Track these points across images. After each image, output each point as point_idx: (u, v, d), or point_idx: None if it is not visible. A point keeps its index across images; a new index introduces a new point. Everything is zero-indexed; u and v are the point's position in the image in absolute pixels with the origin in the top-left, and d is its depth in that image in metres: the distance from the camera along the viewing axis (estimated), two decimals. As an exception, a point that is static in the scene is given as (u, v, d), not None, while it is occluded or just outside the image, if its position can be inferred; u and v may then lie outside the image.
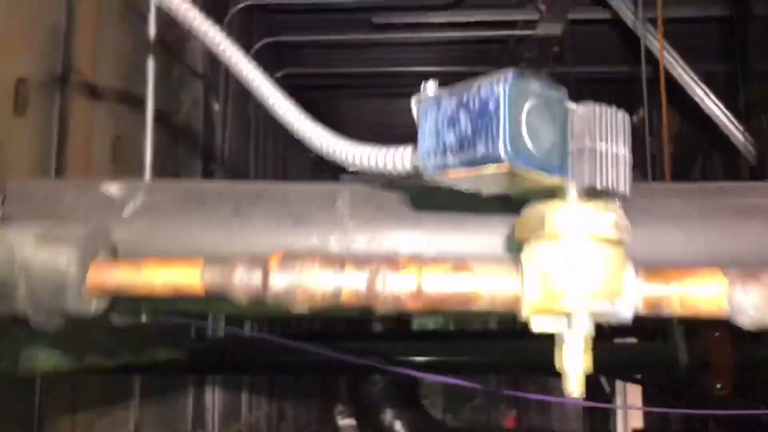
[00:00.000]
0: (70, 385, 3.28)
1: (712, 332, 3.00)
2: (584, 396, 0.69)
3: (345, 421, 9.89)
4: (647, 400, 8.35)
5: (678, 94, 4.93)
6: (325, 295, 0.70)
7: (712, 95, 5.05)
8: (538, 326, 0.70)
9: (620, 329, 3.80)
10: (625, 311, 0.68)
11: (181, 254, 0.76)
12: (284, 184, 0.87)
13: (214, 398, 4.99)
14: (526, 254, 0.69)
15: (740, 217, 0.79)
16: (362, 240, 0.80)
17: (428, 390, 10.08)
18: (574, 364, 0.67)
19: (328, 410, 9.63)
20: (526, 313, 0.69)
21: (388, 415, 7.96)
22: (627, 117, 0.70)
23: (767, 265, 0.71)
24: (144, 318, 1.34)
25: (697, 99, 5.05)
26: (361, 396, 8.18)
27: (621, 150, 0.68)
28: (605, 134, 0.67)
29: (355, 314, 1.12)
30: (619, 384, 8.92)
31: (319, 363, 2.94)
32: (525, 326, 0.74)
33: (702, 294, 0.67)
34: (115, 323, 0.92)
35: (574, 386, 0.68)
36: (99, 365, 1.41)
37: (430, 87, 0.65)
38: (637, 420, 8.94)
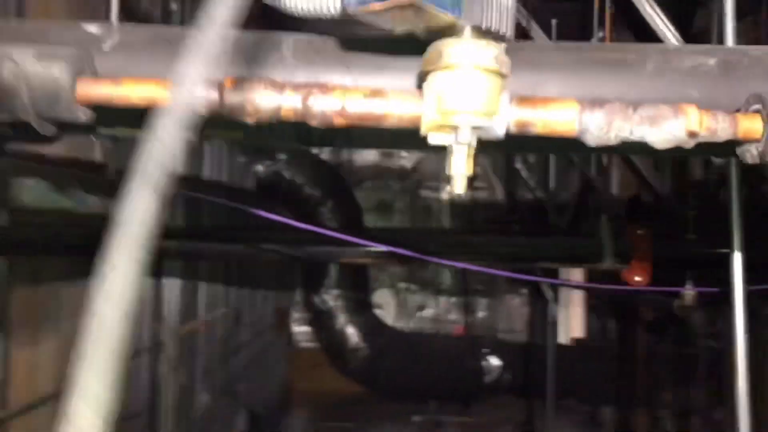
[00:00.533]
0: (34, 264, 3.45)
1: (634, 229, 3.30)
2: (465, 192, 0.89)
3: (300, 328, 10.28)
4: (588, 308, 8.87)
5: (632, 15, 5.09)
6: (268, 110, 0.88)
7: (664, 17, 5.21)
8: (433, 140, 0.89)
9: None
10: (499, 128, 0.88)
11: (151, 83, 0.93)
12: (239, 32, 1.03)
13: (171, 293, 5.20)
14: (428, 82, 0.88)
15: (604, 68, 0.99)
16: (302, 76, 0.98)
17: (381, 300, 10.48)
18: (459, 168, 0.88)
19: (283, 317, 9.98)
20: (424, 128, 0.89)
21: (341, 321, 8.33)
22: (512, -23, 0.88)
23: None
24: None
25: (648, 20, 5.21)
26: (315, 303, 8.51)
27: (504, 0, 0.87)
28: (491, -13, 0.85)
29: (292, 136, 1.30)
30: (563, 294, 9.43)
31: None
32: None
33: (558, 117, 0.88)
34: (100, 139, 1.09)
35: (459, 187, 0.89)
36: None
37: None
38: (578, 330, 9.50)
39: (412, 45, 0.95)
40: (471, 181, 0.90)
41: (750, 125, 0.89)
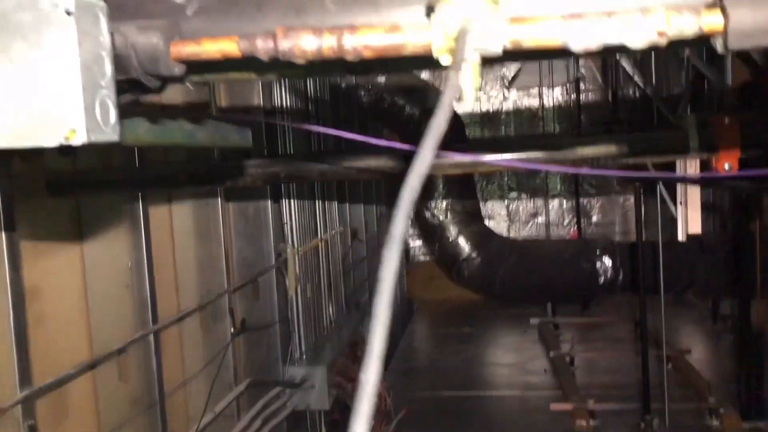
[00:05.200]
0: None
1: (721, 119, 3.30)
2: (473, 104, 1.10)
3: (415, 243, 10.70)
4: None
5: None
6: (313, 51, 1.13)
7: None
8: (446, 62, 1.11)
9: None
10: (496, 46, 1.08)
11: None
12: (288, -13, 1.28)
13: (292, 214, 5.66)
14: (435, 16, 1.09)
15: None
16: (342, 19, 1.21)
17: (492, 211, 10.68)
18: (469, 82, 1.09)
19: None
20: (436, 53, 1.10)
21: (452, 232, 8.63)
22: None
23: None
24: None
25: None
26: (426, 217, 8.85)
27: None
28: (480, -71, 1.03)
29: (341, 68, 1.54)
30: (681, 191, 9.24)
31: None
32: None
33: (546, 31, 1.06)
34: (193, 84, 1.38)
35: (470, 98, 1.10)
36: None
37: None
38: (695, 226, 9.32)
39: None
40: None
41: (712, 20, 1.03)
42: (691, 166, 8.81)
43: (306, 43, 1.12)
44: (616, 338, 8.70)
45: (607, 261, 8.42)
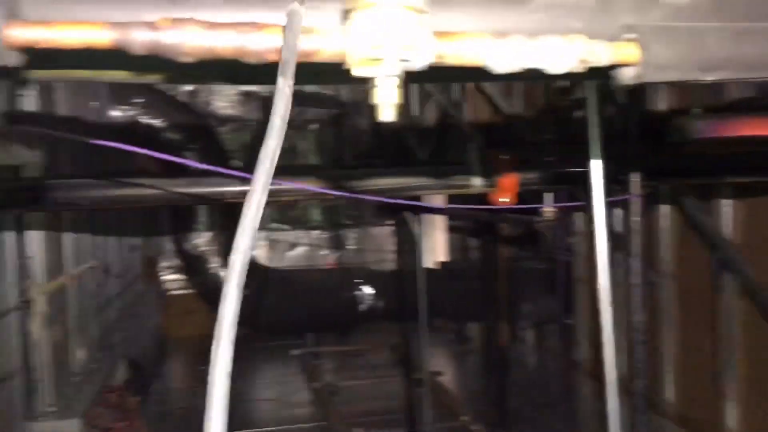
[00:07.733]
0: None
1: (499, 155, 3.54)
2: (394, 120, 0.98)
3: (172, 276, 10.06)
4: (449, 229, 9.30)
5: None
6: (204, 49, 0.93)
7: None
8: (359, 73, 0.97)
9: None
10: (421, 60, 0.98)
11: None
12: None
13: (36, 247, 4.95)
14: (352, 19, 0.96)
15: (502, 4, 1.11)
16: (230, 17, 1.02)
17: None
18: (389, 97, 0.97)
19: (152, 265, 9.72)
20: (352, 63, 0.97)
21: (214, 264, 8.24)
22: None
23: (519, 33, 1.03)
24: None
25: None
26: (187, 249, 8.36)
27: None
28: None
29: (218, 75, 1.34)
30: (425, 220, 9.86)
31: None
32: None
33: (471, 49, 0.99)
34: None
35: (388, 114, 0.98)
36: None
37: None
38: (441, 253, 10.02)
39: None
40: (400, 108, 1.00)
41: (628, 51, 1.04)
42: (436, 198, 9.47)
43: (198, 39, 0.92)
44: (375, 365, 8.95)
45: (367, 290, 8.66)
